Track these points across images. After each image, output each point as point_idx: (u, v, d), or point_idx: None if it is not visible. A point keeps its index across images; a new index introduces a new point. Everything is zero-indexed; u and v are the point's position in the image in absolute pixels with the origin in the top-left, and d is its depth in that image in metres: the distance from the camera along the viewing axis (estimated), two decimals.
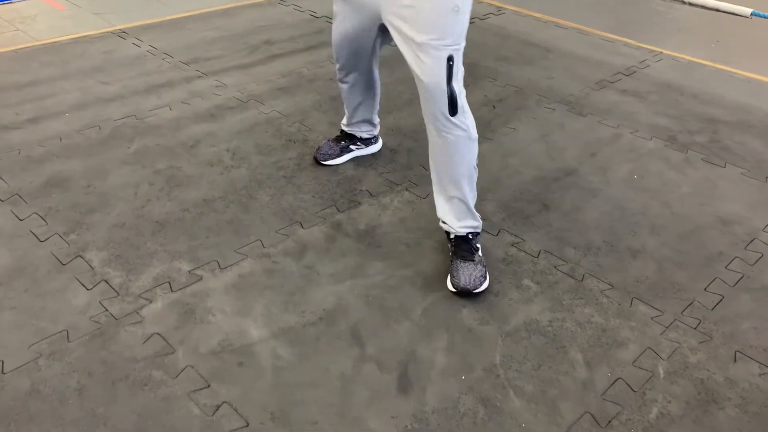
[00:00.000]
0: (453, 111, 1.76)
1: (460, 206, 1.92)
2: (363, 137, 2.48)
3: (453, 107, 1.75)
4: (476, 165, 1.90)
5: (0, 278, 1.89)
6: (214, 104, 2.91)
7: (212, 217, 2.17)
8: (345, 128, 2.47)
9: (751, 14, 3.86)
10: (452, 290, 1.87)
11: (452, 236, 1.95)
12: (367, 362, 1.67)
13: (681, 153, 2.67)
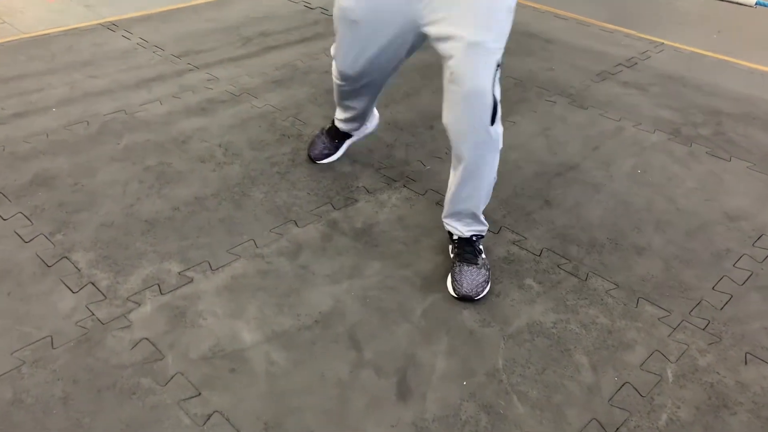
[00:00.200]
0: (492, 120, 1.64)
1: (471, 216, 1.85)
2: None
3: (494, 116, 1.64)
4: (496, 174, 1.81)
5: None
6: (206, 98, 2.83)
7: (204, 216, 2.10)
8: (342, 127, 2.32)
9: (756, 4, 3.79)
10: (453, 295, 1.81)
11: (455, 237, 1.89)
12: (365, 367, 1.60)
13: (685, 146, 2.61)
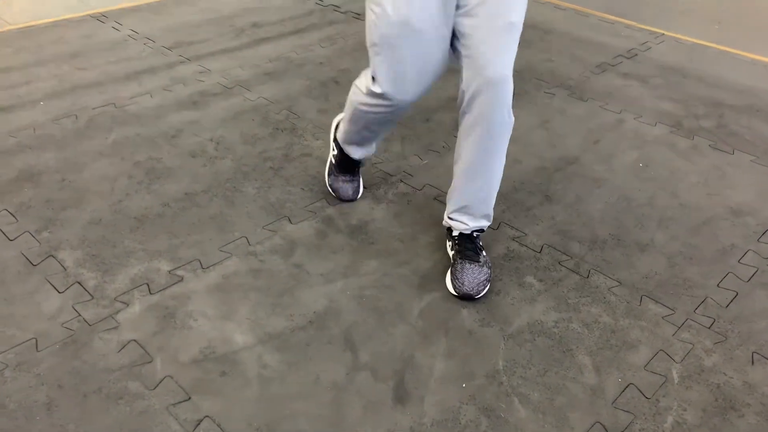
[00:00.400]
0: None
1: (484, 203, 1.77)
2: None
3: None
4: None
5: None
6: (198, 91, 2.77)
7: (194, 213, 2.04)
8: (357, 155, 2.02)
9: None
10: (453, 293, 1.75)
11: (455, 234, 1.83)
12: (361, 370, 1.55)
13: (688, 139, 2.55)
